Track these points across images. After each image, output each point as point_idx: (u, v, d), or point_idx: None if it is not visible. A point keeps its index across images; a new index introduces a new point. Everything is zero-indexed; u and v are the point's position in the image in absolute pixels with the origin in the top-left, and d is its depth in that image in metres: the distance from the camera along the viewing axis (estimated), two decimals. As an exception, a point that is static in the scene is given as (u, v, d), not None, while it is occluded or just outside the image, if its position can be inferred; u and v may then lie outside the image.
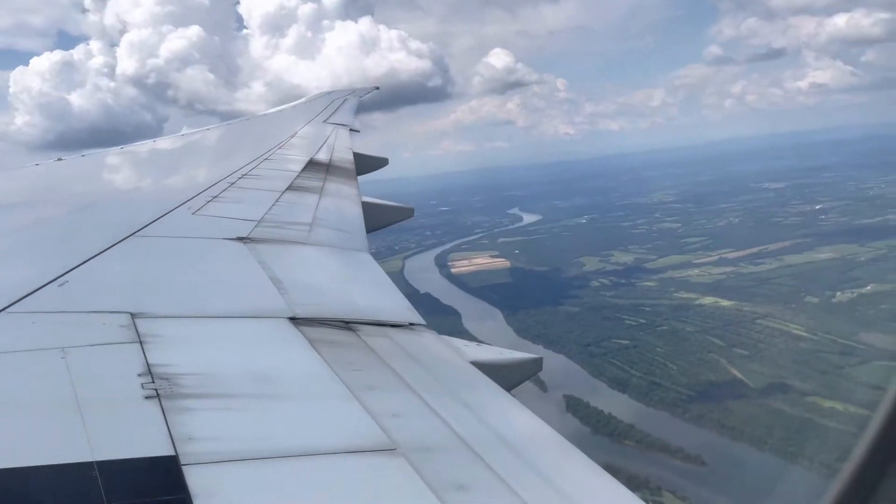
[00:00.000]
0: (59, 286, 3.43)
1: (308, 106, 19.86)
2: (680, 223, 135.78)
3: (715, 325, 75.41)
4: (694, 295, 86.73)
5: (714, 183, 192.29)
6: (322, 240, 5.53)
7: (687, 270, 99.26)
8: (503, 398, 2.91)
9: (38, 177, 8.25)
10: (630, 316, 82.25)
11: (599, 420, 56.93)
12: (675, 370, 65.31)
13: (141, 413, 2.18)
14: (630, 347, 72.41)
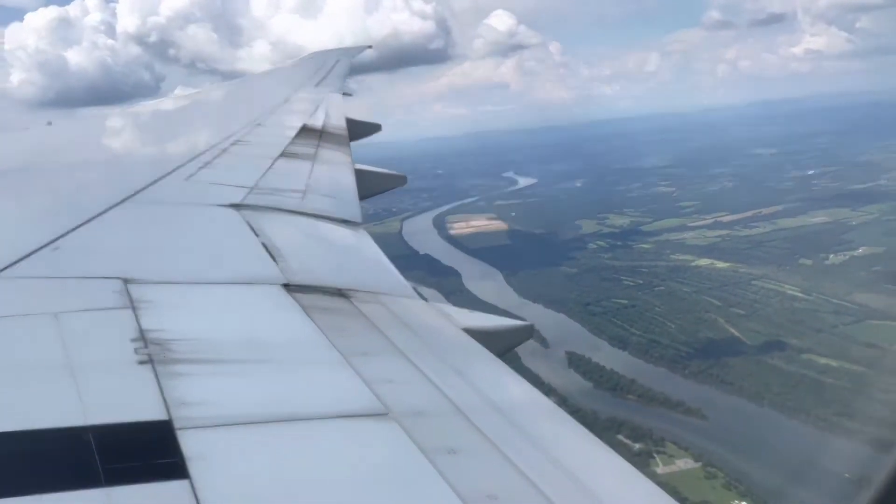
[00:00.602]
0: (51, 251, 3.41)
1: (300, 67, 19.52)
2: (674, 187, 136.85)
3: (711, 285, 77.03)
4: (690, 257, 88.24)
5: (707, 148, 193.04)
6: (315, 207, 5.50)
7: (682, 233, 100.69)
8: (494, 364, 2.92)
9: (29, 141, 8.14)
10: (628, 277, 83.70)
11: (602, 375, 58.50)
12: (674, 328, 66.94)
13: (134, 378, 2.18)
14: (629, 307, 73.96)
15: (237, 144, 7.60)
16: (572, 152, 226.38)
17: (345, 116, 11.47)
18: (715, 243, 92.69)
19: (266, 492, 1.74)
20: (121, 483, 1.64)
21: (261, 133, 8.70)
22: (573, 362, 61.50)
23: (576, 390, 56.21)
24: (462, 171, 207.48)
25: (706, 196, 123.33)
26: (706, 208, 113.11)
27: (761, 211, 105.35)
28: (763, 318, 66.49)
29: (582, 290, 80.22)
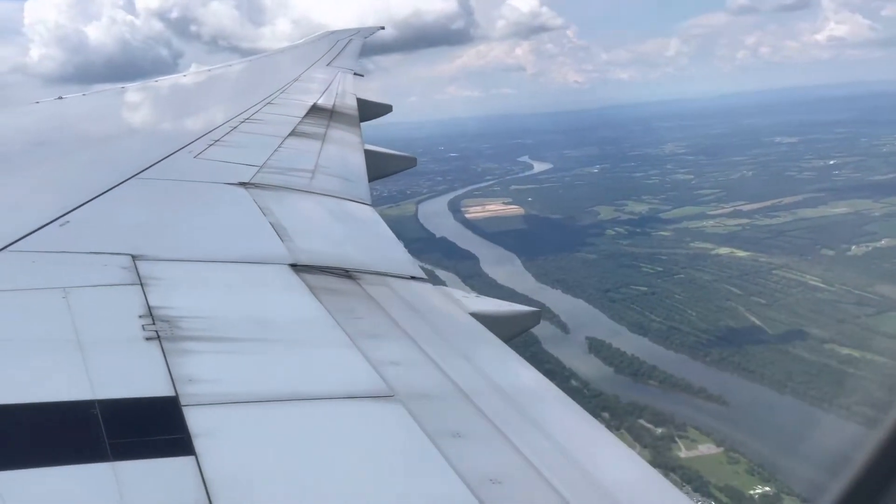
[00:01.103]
0: (60, 226, 3.42)
1: (312, 47, 19.49)
2: (693, 175, 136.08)
3: (732, 274, 76.92)
4: (710, 245, 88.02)
5: (725, 136, 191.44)
6: (324, 187, 5.49)
7: (702, 221, 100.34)
8: (501, 349, 2.94)
9: (40, 115, 8.15)
10: (647, 264, 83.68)
11: (622, 361, 58.77)
12: (694, 316, 67.03)
13: (142, 354, 2.20)
14: (649, 294, 74.02)
15: (247, 122, 7.60)
16: (587, 138, 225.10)
17: (356, 96, 11.56)
18: (735, 232, 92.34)
19: (271, 470, 1.75)
20: (127, 458, 1.65)
21: (271, 111, 8.66)
22: (593, 347, 61.77)
23: (597, 375, 56.57)
24: (476, 155, 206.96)
25: (726, 184, 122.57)
26: (726, 197, 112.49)
27: (782, 200, 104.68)
28: (784, 307, 66.39)
29: (601, 277, 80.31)
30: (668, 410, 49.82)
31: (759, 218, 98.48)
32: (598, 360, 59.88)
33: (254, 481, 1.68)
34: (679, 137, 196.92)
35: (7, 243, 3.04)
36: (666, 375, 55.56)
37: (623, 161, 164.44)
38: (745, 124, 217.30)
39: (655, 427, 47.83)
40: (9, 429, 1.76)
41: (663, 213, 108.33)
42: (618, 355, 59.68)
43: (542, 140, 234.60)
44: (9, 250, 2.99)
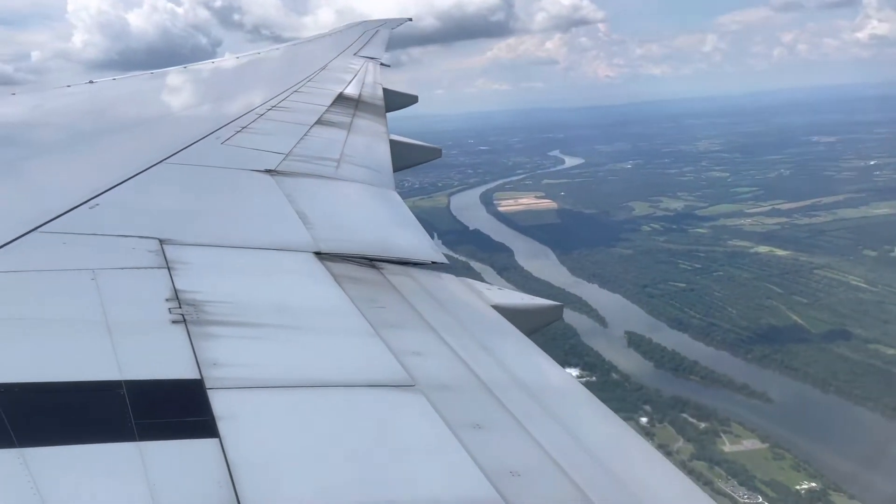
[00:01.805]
0: (90, 208, 3.46)
1: (340, 36, 19.56)
2: (728, 173, 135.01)
3: (772, 272, 76.47)
4: (748, 243, 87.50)
5: (760, 134, 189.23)
6: (349, 176, 5.52)
7: (739, 219, 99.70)
8: (522, 342, 2.94)
9: (72, 99, 8.23)
10: (685, 261, 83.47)
11: (663, 355, 58.92)
12: (735, 313, 66.84)
13: (168, 337, 2.23)
14: (687, 290, 73.94)
15: (274, 110, 7.63)
16: (619, 133, 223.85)
17: (382, 86, 11.57)
18: (774, 231, 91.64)
19: (292, 454, 1.77)
20: (152, 438, 1.68)
21: (298, 99, 8.70)
22: (633, 342, 62.00)
23: (637, 369, 56.85)
24: (506, 149, 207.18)
25: (763, 183, 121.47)
26: (764, 195, 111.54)
27: (821, 200, 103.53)
28: (826, 307, 65.93)
29: (638, 272, 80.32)
30: (710, 405, 49.99)
31: (799, 217, 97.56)
32: (637, 354, 60.12)
33: (276, 465, 1.70)
34: (713, 135, 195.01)
35: (39, 224, 3.08)
36: (707, 371, 55.63)
37: (656, 157, 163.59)
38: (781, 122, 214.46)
39: (699, 421, 48.06)
40: (39, 407, 1.80)
41: (699, 210, 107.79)
42: (658, 350, 59.86)
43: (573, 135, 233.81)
44: (40, 231, 3.02)
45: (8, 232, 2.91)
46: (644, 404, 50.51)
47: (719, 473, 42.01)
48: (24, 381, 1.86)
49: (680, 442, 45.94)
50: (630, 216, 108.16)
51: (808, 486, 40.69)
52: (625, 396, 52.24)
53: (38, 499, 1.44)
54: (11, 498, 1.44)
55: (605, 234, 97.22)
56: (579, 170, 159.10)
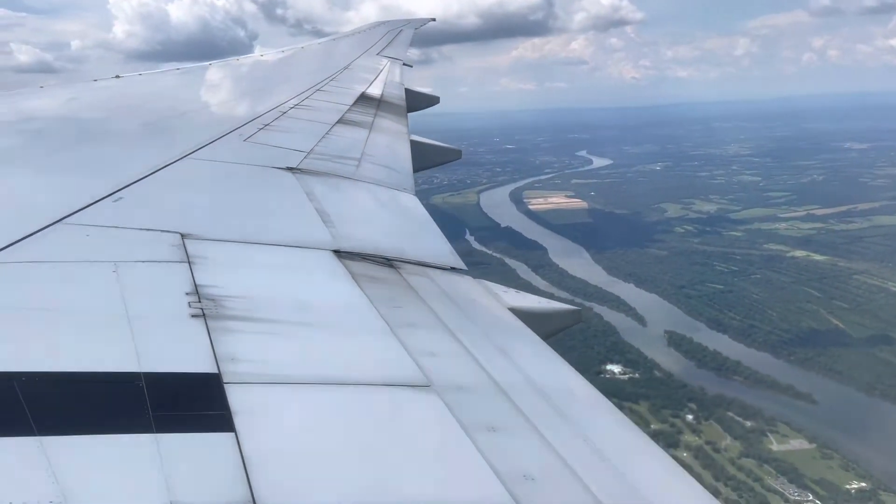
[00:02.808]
0: (114, 202, 3.50)
1: (363, 36, 19.66)
2: (760, 177, 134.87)
3: (810, 277, 76.59)
4: (785, 247, 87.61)
5: (791, 139, 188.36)
6: (369, 176, 5.55)
7: (774, 224, 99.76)
8: (539, 345, 2.94)
9: (99, 94, 8.31)
10: (721, 263, 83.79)
11: (705, 355, 59.43)
12: (775, 316, 67.17)
13: (187, 331, 2.26)
14: (725, 292, 74.32)
15: (297, 108, 7.69)
16: (646, 134, 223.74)
17: (404, 86, 11.62)
18: (810, 236, 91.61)
19: (307, 451, 1.79)
20: (169, 430, 1.70)
21: (320, 98, 8.74)
22: (673, 341, 62.53)
23: (679, 368, 57.49)
24: (533, 148, 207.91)
25: (796, 188, 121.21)
26: (797, 200, 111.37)
27: (856, 206, 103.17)
28: (867, 312, 66.00)
29: (674, 273, 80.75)
30: (755, 405, 50.56)
31: (834, 223, 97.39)
32: (678, 353, 60.70)
33: (290, 461, 1.72)
34: (742, 139, 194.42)
35: (63, 216, 3.13)
36: (751, 372, 56.12)
37: (685, 160, 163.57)
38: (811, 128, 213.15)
39: (745, 420, 48.67)
40: (59, 396, 1.82)
41: (732, 213, 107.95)
42: (699, 350, 60.39)
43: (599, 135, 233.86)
44: (64, 223, 3.07)
45: (34, 223, 2.96)
46: (689, 402, 51.22)
47: (768, 471, 42.56)
48: (44, 371, 1.89)
49: (727, 440, 46.54)
50: (662, 217, 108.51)
51: (857, 486, 41.16)
52: (669, 394, 52.96)
53: (56, 487, 1.45)
54: (30, 485, 1.45)
55: (638, 235, 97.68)
56: (608, 170, 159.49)
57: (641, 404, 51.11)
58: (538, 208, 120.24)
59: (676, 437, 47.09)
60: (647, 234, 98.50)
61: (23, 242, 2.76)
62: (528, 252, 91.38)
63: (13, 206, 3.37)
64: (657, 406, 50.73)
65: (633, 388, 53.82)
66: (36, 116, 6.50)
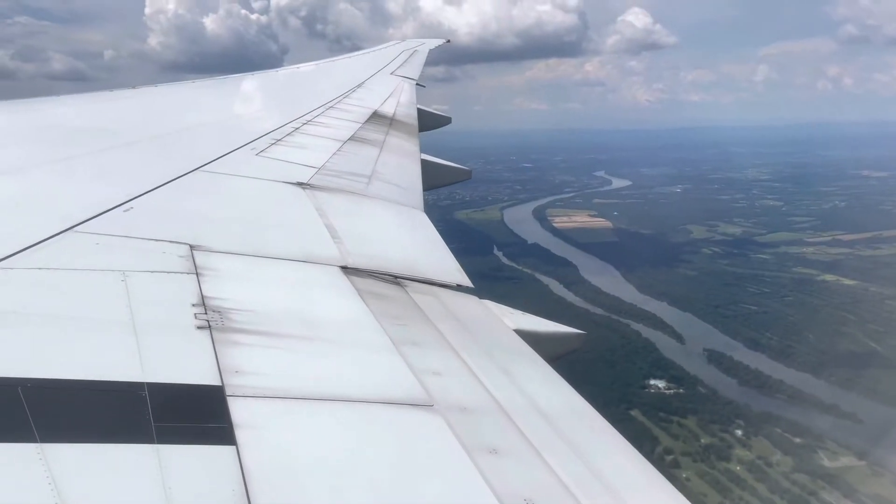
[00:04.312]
0: (124, 211, 3.53)
1: (378, 55, 19.90)
2: (782, 202, 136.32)
3: (843, 301, 77.52)
4: (814, 271, 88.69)
5: (809, 165, 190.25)
6: (379, 193, 5.58)
7: (801, 248, 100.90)
8: (543, 368, 2.95)
9: (117, 105, 8.42)
10: (752, 285, 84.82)
11: (747, 373, 60.15)
12: (812, 338, 68.24)
13: (192, 342, 2.27)
14: (760, 313, 75.25)
15: (309, 124, 7.72)
16: (662, 157, 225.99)
17: (416, 106, 11.67)
18: (838, 260, 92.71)
19: (308, 467, 1.79)
20: (170, 441, 1.71)
21: (333, 115, 8.81)
22: (713, 359, 63.49)
23: (721, 385, 58.53)
24: (550, 167, 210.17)
25: (819, 213, 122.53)
26: (821, 225, 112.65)
27: (882, 233, 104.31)
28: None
29: (707, 293, 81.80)
30: (802, 422, 51.55)
31: (861, 248, 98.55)
32: (718, 371, 61.58)
33: (290, 476, 1.72)
34: (759, 164, 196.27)
35: (73, 224, 3.15)
36: (794, 390, 57.11)
37: (704, 183, 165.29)
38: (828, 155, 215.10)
39: (793, 437, 49.62)
40: (62, 404, 1.83)
41: (758, 236, 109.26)
42: (740, 368, 61.26)
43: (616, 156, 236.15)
44: (75, 231, 3.10)
45: (45, 230, 3.00)
46: (736, 418, 52.23)
47: (822, 486, 43.51)
48: (49, 377, 1.89)
49: (777, 455, 47.51)
50: (689, 239, 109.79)
51: (912, 503, 41.99)
52: (716, 409, 53.85)
53: (55, 495, 1.46)
54: (29, 492, 1.46)
55: (665, 255, 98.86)
56: (628, 191, 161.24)
57: (689, 419, 52.15)
58: (563, 226, 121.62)
59: (728, 452, 48.01)
60: (674, 255, 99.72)
61: (33, 249, 2.79)
62: (559, 269, 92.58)
63: (26, 213, 3.40)
64: (705, 421, 51.75)
65: (679, 402, 54.72)
66: (55, 125, 6.58)
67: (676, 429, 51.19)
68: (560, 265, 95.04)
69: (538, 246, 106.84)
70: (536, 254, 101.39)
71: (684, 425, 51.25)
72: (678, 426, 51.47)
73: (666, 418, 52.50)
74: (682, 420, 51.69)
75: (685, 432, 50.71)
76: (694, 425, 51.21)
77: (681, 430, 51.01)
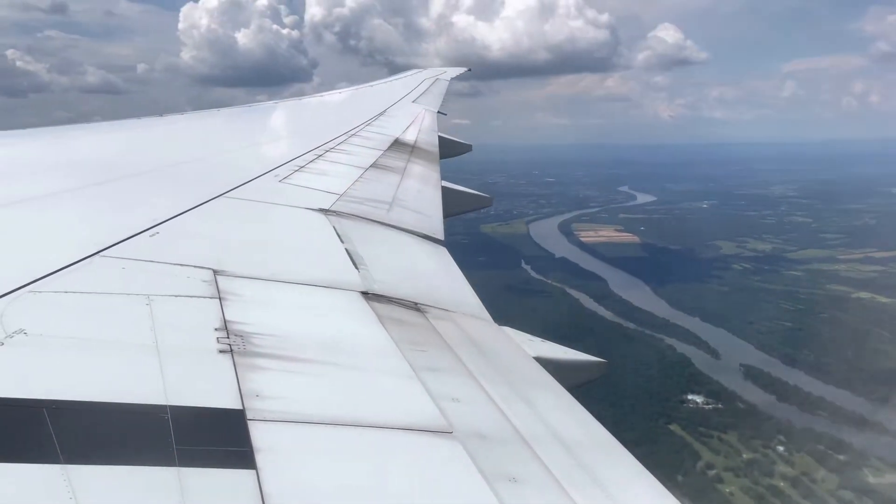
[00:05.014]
0: (150, 236, 3.58)
1: (401, 83, 20.25)
2: (811, 218, 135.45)
3: (881, 318, 76.76)
4: (848, 289, 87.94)
5: (836, 182, 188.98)
6: (400, 220, 5.62)
7: (833, 265, 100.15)
8: (563, 396, 2.94)
9: (145, 132, 8.59)
10: (785, 302, 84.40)
11: (785, 390, 59.90)
12: (850, 355, 67.80)
13: (214, 366, 2.29)
14: (795, 329, 74.79)
15: (332, 151, 7.84)
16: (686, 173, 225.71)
17: (437, 134, 11.84)
18: (872, 278, 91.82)
19: (327, 493, 1.80)
20: (191, 465, 1.72)
21: (355, 142, 8.96)
22: (749, 375, 63.32)
23: (760, 401, 58.36)
24: (573, 182, 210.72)
25: (849, 230, 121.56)
26: (853, 243, 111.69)
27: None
28: (945, 356, 66.34)
29: (740, 309, 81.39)
30: (845, 439, 51.25)
31: (894, 266, 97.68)
32: (756, 387, 61.30)
33: (310, 501, 1.74)
34: (785, 180, 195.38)
35: (100, 249, 3.21)
36: (835, 407, 56.78)
37: (730, 199, 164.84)
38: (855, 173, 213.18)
39: (836, 454, 49.35)
40: (85, 425, 1.85)
41: (788, 253, 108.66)
42: (778, 384, 60.87)
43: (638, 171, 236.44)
44: (101, 255, 3.15)
45: (73, 254, 3.06)
46: (777, 433, 52.07)
47: (868, 503, 43.33)
48: (73, 399, 1.91)
49: (822, 471, 47.29)
50: (718, 254, 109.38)
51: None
52: (757, 425, 53.67)
53: None
54: None
55: (696, 270, 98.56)
56: (654, 206, 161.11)
57: (730, 434, 52.05)
58: (589, 241, 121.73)
59: (770, 467, 47.78)
60: (704, 270, 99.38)
61: (60, 273, 2.84)
62: (588, 283, 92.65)
63: (54, 238, 3.48)
64: (746, 436, 51.64)
65: (719, 417, 54.58)
66: (83, 152, 6.73)
67: (717, 444, 50.97)
68: (589, 279, 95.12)
69: (566, 260, 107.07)
70: (565, 268, 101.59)
71: (725, 440, 51.04)
72: (718, 441, 51.23)
73: (706, 433, 52.25)
74: (723, 435, 51.55)
75: (726, 447, 50.47)
76: (735, 440, 51.00)
77: (721, 444, 50.77)
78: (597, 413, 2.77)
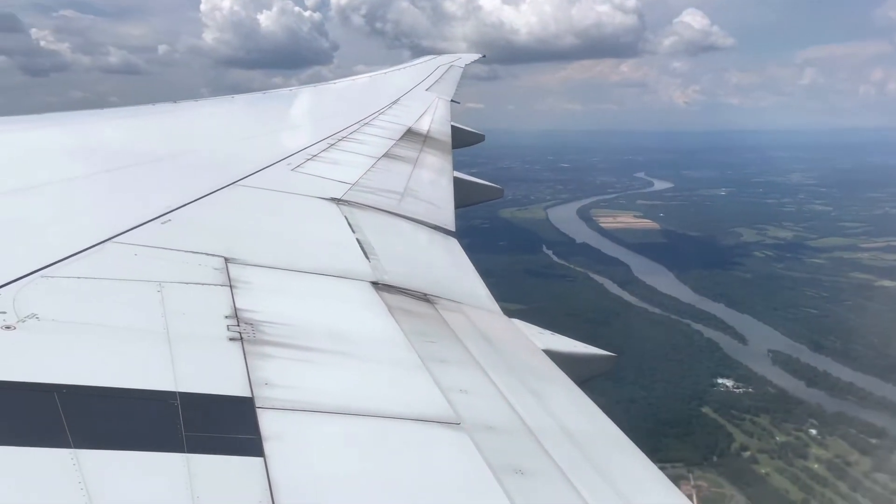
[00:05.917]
0: (162, 223, 3.59)
1: (414, 71, 20.03)
2: (831, 207, 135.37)
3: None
4: (871, 276, 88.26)
5: (854, 171, 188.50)
6: (411, 210, 5.60)
7: (855, 253, 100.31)
8: (571, 389, 2.94)
9: (157, 118, 8.59)
10: (809, 288, 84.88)
11: (815, 375, 60.38)
12: (877, 342, 68.42)
13: (224, 353, 2.30)
14: (821, 316, 75.30)
15: (344, 140, 7.81)
16: (702, 160, 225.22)
17: (450, 123, 11.71)
18: (895, 266, 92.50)
19: (334, 481, 1.80)
20: (199, 451, 1.73)
21: (368, 131, 8.91)
22: (778, 360, 63.92)
23: (790, 385, 59.12)
24: (589, 168, 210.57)
25: (870, 219, 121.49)
26: (874, 231, 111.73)
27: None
28: (972, 344, 66.80)
29: (764, 295, 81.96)
30: (877, 423, 52.07)
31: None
32: (784, 372, 61.98)
33: (317, 490, 1.74)
34: (803, 168, 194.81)
35: (113, 235, 3.22)
36: (865, 392, 57.52)
37: (748, 186, 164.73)
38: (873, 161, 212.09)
39: (869, 437, 50.18)
40: (96, 410, 1.87)
41: (810, 241, 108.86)
42: (807, 369, 61.50)
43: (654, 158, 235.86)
44: (114, 241, 3.16)
45: (85, 240, 3.07)
46: (809, 417, 52.89)
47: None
48: (84, 384, 1.93)
49: (855, 455, 48.17)
50: (739, 241, 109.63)
51: None
52: (788, 409, 54.47)
53: (87, 500, 1.49)
54: (62, 497, 1.50)
55: (718, 257, 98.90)
56: (671, 193, 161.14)
57: (762, 417, 52.97)
58: (609, 226, 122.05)
59: (804, 450, 48.60)
60: (726, 257, 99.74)
61: (73, 258, 2.85)
62: (611, 268, 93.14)
63: (67, 223, 3.49)
64: (778, 419, 52.51)
65: (750, 401, 55.47)
66: (97, 138, 6.75)
67: (750, 426, 51.72)
68: (612, 265, 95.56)
69: (587, 245, 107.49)
70: (586, 253, 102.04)
71: (757, 423, 51.77)
72: (751, 423, 52.13)
73: (738, 416, 52.98)
74: (755, 418, 52.46)
75: (759, 430, 51.21)
76: (768, 423, 51.78)
77: (755, 427, 51.49)
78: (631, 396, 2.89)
